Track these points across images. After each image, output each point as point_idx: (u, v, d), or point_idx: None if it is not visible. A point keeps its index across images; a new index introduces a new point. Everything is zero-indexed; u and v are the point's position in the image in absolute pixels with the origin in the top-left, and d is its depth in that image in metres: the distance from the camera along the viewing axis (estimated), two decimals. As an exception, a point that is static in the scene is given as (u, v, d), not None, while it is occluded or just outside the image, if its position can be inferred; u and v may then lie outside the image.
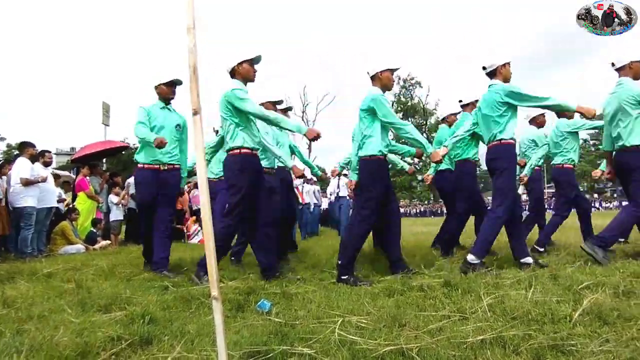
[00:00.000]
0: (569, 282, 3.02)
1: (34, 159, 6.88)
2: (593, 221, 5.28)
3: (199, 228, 9.11)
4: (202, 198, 1.58)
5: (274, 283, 3.44)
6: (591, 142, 47.70)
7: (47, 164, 7.23)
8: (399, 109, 45.78)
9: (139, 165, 4.25)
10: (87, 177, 8.27)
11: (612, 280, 3.02)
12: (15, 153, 7.27)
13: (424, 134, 46.55)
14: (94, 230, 8.12)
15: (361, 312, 2.55)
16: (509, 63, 3.97)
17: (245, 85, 3.78)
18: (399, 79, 45.37)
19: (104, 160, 13.59)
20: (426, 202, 44.70)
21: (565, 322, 2.21)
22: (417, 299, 2.87)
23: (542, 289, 2.89)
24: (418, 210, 42.37)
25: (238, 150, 3.71)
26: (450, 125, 5.52)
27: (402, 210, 35.57)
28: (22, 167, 6.50)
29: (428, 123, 45.87)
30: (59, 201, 8.01)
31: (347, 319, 2.39)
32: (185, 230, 9.42)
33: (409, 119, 46.31)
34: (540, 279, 3.19)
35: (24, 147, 6.81)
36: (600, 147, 5.72)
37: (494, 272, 3.57)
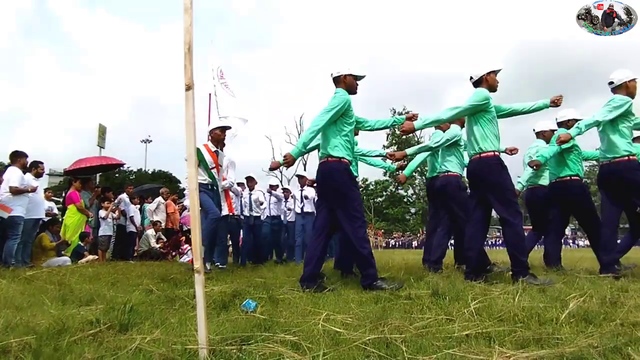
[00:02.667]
0: (557, 294, 3.02)
1: (25, 169, 6.86)
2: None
3: (189, 247, 9.01)
4: (190, 170, 1.59)
5: (260, 288, 3.40)
6: (587, 180, 48.26)
7: (39, 175, 7.19)
8: (393, 141, 46.44)
9: None
10: (79, 191, 8.21)
11: (599, 292, 3.02)
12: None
13: (418, 167, 47.10)
14: (81, 244, 8.01)
15: (347, 312, 2.52)
16: None
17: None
18: (394, 112, 46.27)
19: (97, 179, 13.52)
20: (417, 234, 44.53)
21: (552, 323, 2.19)
22: (404, 305, 2.83)
23: (529, 298, 2.87)
24: (406, 242, 41.82)
25: (492, 153, 3.96)
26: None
27: (394, 241, 35.67)
28: (12, 176, 6.47)
29: (422, 156, 46.50)
30: (47, 215, 7.94)
31: (332, 317, 2.36)
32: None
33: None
34: (529, 291, 3.18)
35: (16, 157, 6.78)
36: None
37: None
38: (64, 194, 10.56)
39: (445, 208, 5.13)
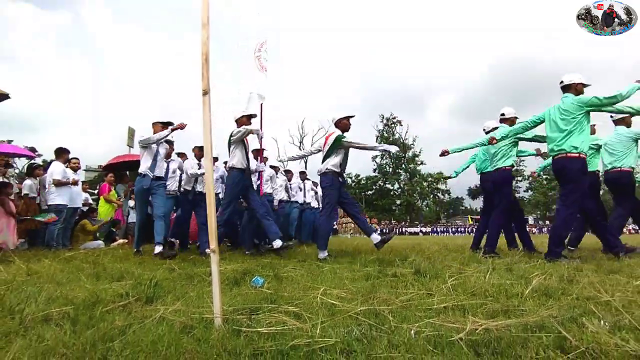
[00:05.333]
0: (522, 272, 3.02)
1: (67, 163, 6.84)
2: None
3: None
4: (207, 164, 1.58)
5: (267, 267, 3.39)
6: (544, 176, 48.31)
7: (74, 169, 7.16)
8: (382, 143, 46.41)
9: None
10: (111, 185, 8.20)
11: (558, 271, 3.02)
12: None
13: (403, 165, 47.15)
14: (113, 230, 7.99)
15: (342, 288, 2.51)
16: None
17: None
18: (383, 117, 46.26)
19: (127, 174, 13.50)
20: (403, 222, 44.58)
21: (517, 297, 2.19)
22: (391, 282, 2.83)
23: (498, 276, 2.87)
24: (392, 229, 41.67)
25: None
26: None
27: (381, 228, 35.65)
28: (55, 170, 6.46)
29: (406, 155, 46.48)
30: (84, 204, 7.92)
31: (329, 291, 2.35)
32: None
33: (390, 152, 46.95)
34: (498, 270, 3.18)
35: (60, 153, 6.75)
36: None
37: None
38: (98, 187, 10.55)
39: (621, 197, 5.10)
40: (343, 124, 5.01)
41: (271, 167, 7.27)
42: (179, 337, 1.41)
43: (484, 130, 5.62)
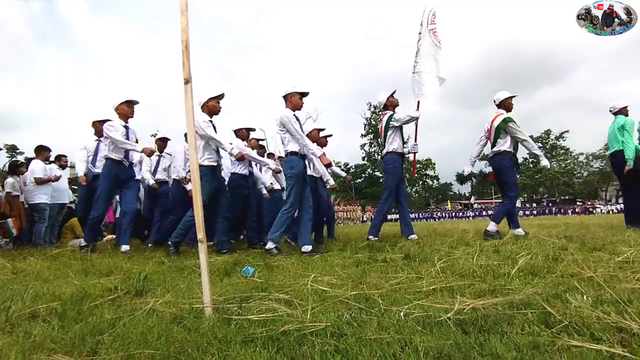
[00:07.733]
0: (509, 253, 3.08)
1: (48, 161, 6.70)
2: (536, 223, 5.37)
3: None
4: (192, 153, 1.56)
5: (258, 257, 3.40)
6: (530, 160, 49.02)
7: (63, 167, 7.06)
8: (370, 131, 46.44)
9: None
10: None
11: (544, 250, 3.09)
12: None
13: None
14: (101, 227, 7.88)
15: (332, 274, 2.53)
16: None
17: None
18: (371, 105, 46.20)
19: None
20: (394, 210, 44.80)
21: (504, 277, 2.24)
22: (381, 267, 2.86)
23: (486, 257, 2.93)
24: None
25: None
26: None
27: (371, 215, 35.87)
28: (35, 168, 6.34)
29: (395, 143, 46.80)
30: (71, 202, 7.79)
31: (320, 278, 2.37)
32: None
33: (379, 140, 47.14)
34: (486, 252, 3.23)
35: (40, 151, 6.62)
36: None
37: None
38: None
39: None
40: (507, 104, 4.90)
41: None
42: (169, 328, 1.41)
43: (610, 111, 5.79)
